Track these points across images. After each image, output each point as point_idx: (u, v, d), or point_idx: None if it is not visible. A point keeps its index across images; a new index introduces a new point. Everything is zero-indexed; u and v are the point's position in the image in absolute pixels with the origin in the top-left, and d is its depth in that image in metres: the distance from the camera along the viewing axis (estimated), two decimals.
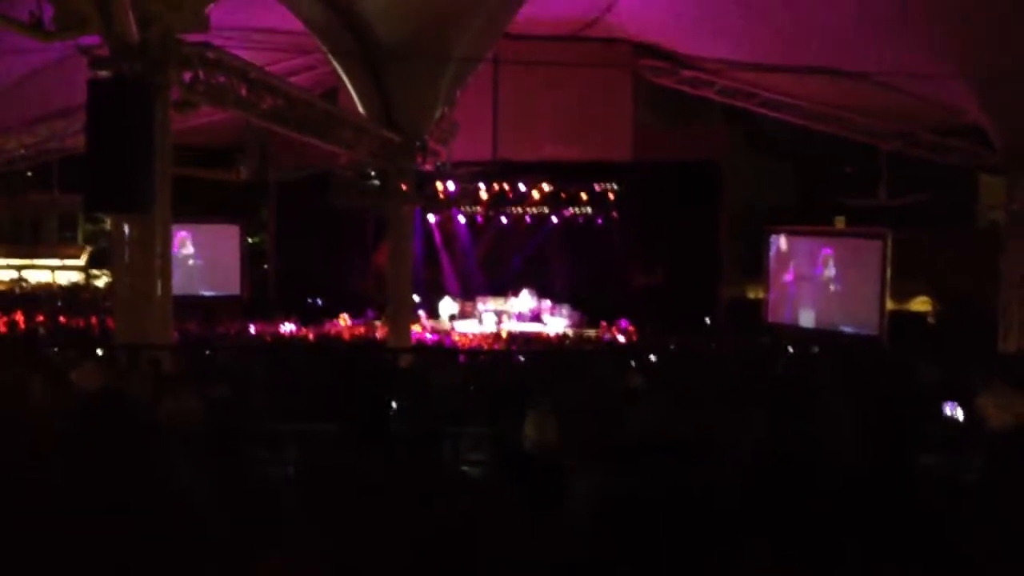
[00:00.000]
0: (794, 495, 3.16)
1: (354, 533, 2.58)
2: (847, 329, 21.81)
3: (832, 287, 22.47)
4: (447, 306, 24.60)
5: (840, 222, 22.78)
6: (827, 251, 22.71)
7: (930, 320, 21.49)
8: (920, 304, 21.82)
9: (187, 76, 10.13)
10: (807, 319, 22.90)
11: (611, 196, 24.40)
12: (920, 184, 20.93)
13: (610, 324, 23.42)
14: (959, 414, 6.01)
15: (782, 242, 23.64)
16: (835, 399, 7.60)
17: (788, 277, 23.51)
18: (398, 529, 2.45)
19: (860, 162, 21.86)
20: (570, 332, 23.34)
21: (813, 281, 22.89)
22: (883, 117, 20.80)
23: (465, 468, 4.39)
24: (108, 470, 2.90)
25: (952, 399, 6.83)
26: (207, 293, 25.43)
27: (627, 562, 3.00)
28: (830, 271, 22.55)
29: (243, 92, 11.69)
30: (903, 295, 21.63)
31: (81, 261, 28.35)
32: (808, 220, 23.06)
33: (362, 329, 23.02)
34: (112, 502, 2.60)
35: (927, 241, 20.99)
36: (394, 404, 3.77)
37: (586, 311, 24.49)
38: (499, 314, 24.26)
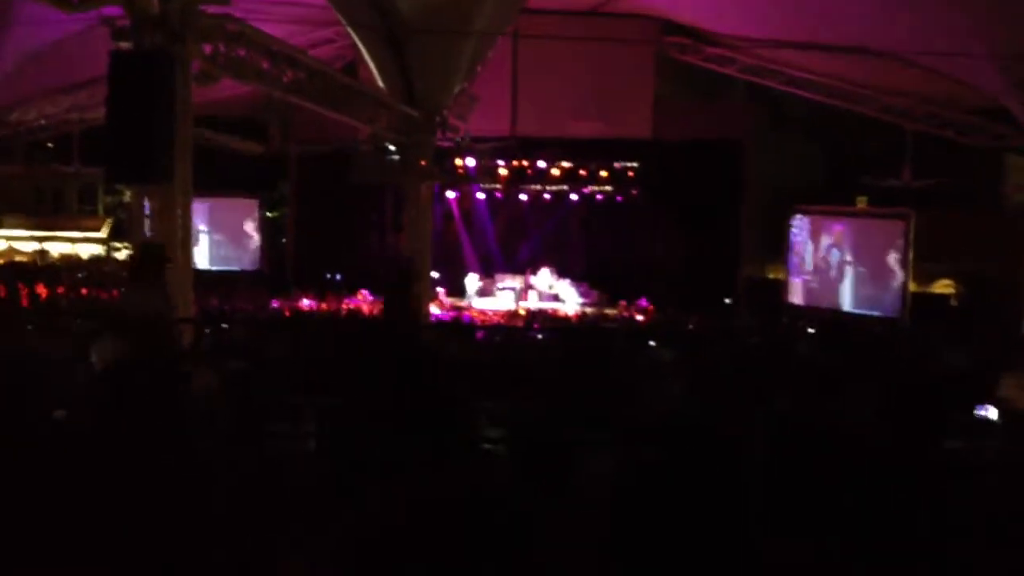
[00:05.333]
0: (815, 475, 3.12)
1: (373, 507, 2.56)
2: (869, 311, 21.66)
3: (854, 268, 22.30)
4: (472, 282, 24.61)
5: (862, 202, 22.55)
6: (849, 232, 22.52)
7: (953, 303, 21.29)
8: (943, 286, 21.60)
9: (208, 48, 10.11)
10: (828, 300, 22.75)
11: (631, 174, 24.25)
12: (945, 165, 20.70)
13: (629, 303, 23.35)
14: (992, 414, 5.93)
15: (804, 222, 23.45)
16: (857, 381, 7.54)
17: (809, 257, 23.35)
18: (417, 504, 2.42)
19: (885, 142, 21.63)
20: (589, 311, 23.30)
21: (835, 262, 22.73)
22: (909, 97, 20.57)
23: (487, 446, 4.37)
24: (129, 441, 2.89)
25: (975, 383, 6.76)
26: (225, 268, 25.49)
27: (642, 539, 2.97)
28: (852, 252, 22.38)
29: (264, 65, 11.66)
30: (926, 277, 21.43)
31: (102, 233, 28.45)
32: (831, 200, 22.85)
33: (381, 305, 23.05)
34: (133, 475, 2.58)
35: (951, 223, 20.74)
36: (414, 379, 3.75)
37: (605, 290, 24.43)
38: (520, 291, 24.26)
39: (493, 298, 24.25)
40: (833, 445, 3.48)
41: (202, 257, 25.17)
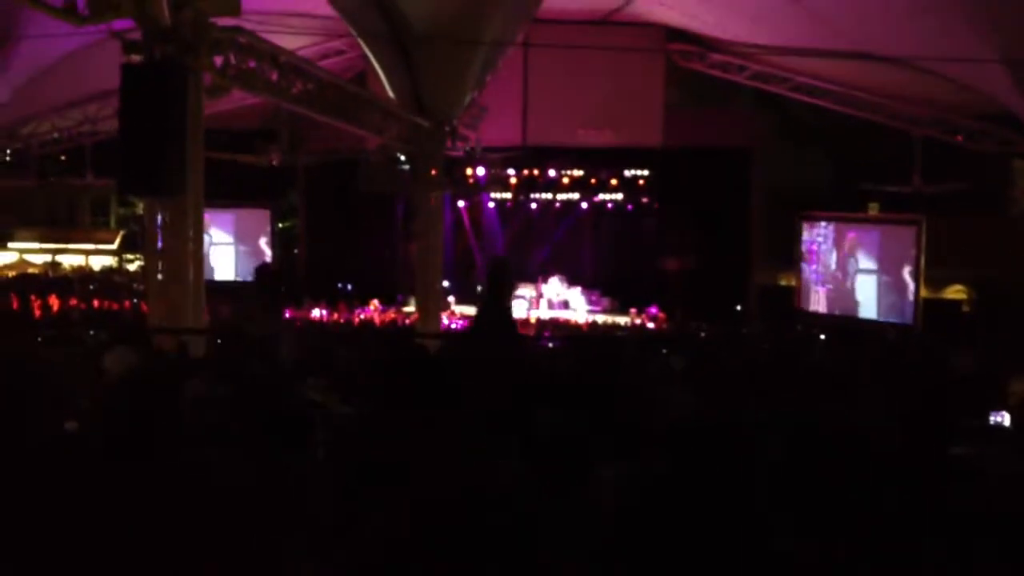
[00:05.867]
0: (826, 480, 3.14)
1: (380, 516, 2.59)
2: (880, 317, 21.60)
3: (865, 274, 22.26)
4: None
5: (874, 209, 22.50)
6: (860, 238, 22.48)
7: (965, 308, 21.22)
8: (955, 292, 21.54)
9: (218, 60, 10.18)
10: (840, 307, 22.71)
11: (641, 182, 24.28)
12: (953, 171, 20.65)
13: (640, 311, 23.35)
14: (1005, 420, 5.92)
15: (815, 229, 23.42)
16: (866, 386, 7.53)
17: (820, 264, 23.31)
18: (425, 511, 2.45)
19: (894, 149, 21.60)
20: (599, 319, 23.31)
21: (846, 269, 22.69)
22: (917, 103, 20.55)
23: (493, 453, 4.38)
24: (137, 453, 2.92)
25: (987, 387, 6.75)
26: (237, 278, 25.61)
27: (653, 548, 2.98)
28: (863, 258, 22.33)
29: (274, 76, 11.73)
30: (937, 283, 21.37)
31: (114, 245, 28.60)
32: (841, 207, 22.81)
33: (392, 315, 23.11)
34: (139, 485, 2.61)
35: (961, 228, 20.68)
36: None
37: (616, 297, 24.44)
38: (531, 299, 24.28)
39: None
40: (841, 449, 3.50)
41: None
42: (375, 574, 2.26)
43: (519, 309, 23.81)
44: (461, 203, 25.10)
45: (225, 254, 26.01)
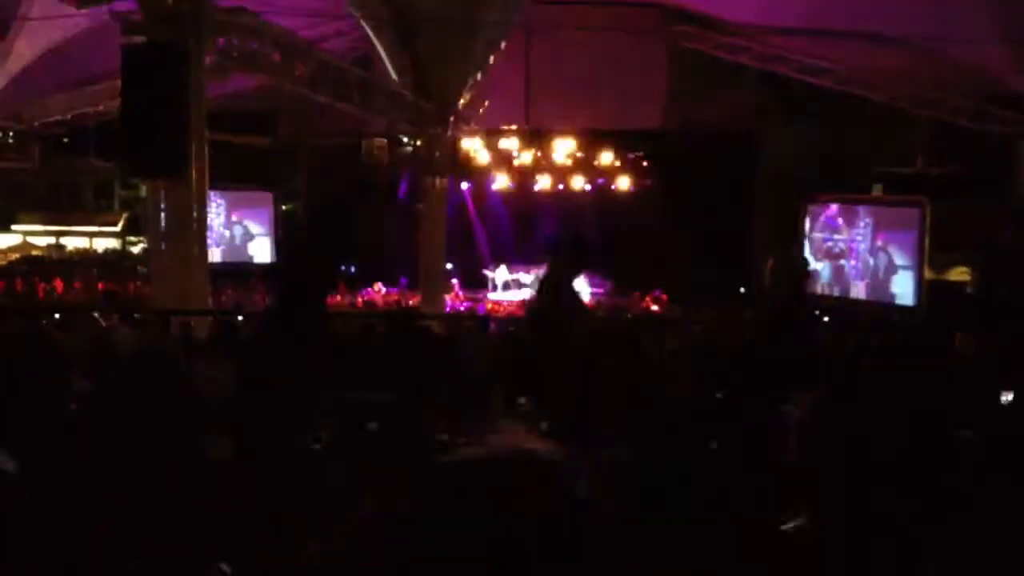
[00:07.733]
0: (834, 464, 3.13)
1: (389, 499, 2.58)
2: (884, 299, 21.55)
3: (869, 256, 22.19)
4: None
5: (878, 191, 22.40)
6: (864, 220, 22.40)
7: (969, 291, 21.15)
8: (959, 274, 21.46)
9: (221, 42, 10.14)
10: (843, 289, 22.66)
11: (645, 164, 24.19)
12: (959, 153, 20.56)
13: (643, 293, 23.30)
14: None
15: (818, 211, 23.34)
16: (872, 370, 7.51)
17: (823, 246, 23.24)
18: (427, 491, 2.43)
19: (898, 130, 21.49)
20: (602, 301, 23.27)
21: (849, 250, 22.62)
22: (923, 84, 20.43)
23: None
24: (142, 434, 2.91)
25: (994, 370, 6.73)
26: (239, 260, 25.63)
27: (653, 532, 2.96)
28: (867, 240, 22.26)
29: (276, 58, 11.70)
30: (941, 265, 21.29)
31: (118, 227, 28.53)
32: (845, 188, 22.72)
33: (395, 297, 23.10)
34: (144, 468, 2.60)
35: (965, 211, 20.59)
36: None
37: (619, 280, 24.39)
38: (534, 281, 24.25)
39: (510, 290, 24.31)
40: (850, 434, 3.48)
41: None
42: (382, 555, 2.26)
43: (521, 291, 23.84)
44: (464, 185, 25.01)
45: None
